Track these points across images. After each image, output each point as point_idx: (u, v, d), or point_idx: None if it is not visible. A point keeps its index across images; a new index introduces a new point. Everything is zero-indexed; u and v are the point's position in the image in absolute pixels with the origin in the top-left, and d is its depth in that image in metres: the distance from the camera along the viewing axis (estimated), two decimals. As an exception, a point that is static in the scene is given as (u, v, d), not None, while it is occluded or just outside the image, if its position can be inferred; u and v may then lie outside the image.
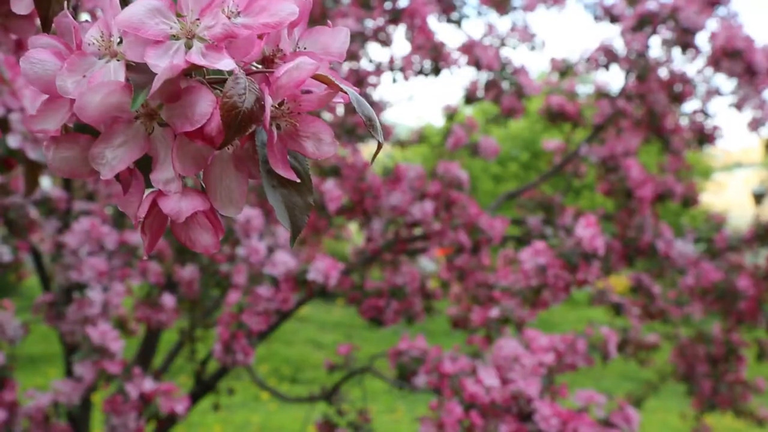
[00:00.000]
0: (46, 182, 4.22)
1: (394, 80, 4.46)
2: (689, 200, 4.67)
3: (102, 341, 3.10)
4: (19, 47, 1.27)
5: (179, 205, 0.62)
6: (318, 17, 4.32)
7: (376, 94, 4.84)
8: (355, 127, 4.56)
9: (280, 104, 0.63)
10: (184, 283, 3.79)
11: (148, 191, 0.65)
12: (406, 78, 4.37)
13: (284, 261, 3.51)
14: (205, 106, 0.60)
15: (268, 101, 0.59)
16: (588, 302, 4.71)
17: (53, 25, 0.71)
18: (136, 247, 3.60)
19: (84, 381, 3.04)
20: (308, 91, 0.66)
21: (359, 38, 4.37)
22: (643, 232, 4.20)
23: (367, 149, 6.44)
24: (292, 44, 0.69)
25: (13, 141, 1.62)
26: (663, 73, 4.59)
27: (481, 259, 4.24)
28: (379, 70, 4.62)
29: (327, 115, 4.57)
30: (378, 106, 4.75)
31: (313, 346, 8.07)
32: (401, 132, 6.02)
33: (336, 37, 0.72)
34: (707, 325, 4.87)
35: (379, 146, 0.66)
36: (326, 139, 0.66)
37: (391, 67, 4.50)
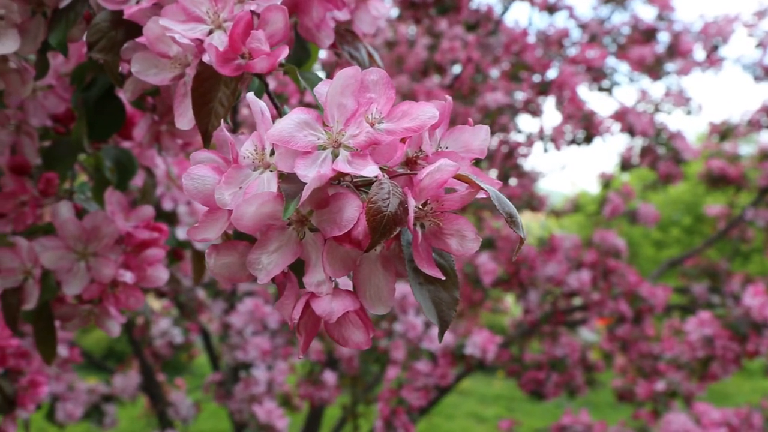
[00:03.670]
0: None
1: (546, 150, 4.45)
2: None
3: (268, 419, 3.19)
4: (187, 146, 1.35)
5: (331, 306, 0.65)
6: (467, 93, 4.38)
7: (528, 164, 4.83)
8: (510, 198, 4.54)
9: (424, 204, 0.65)
10: (344, 359, 3.85)
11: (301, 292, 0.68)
12: (557, 147, 4.36)
13: (442, 336, 3.51)
14: (351, 212, 0.62)
15: (411, 204, 0.61)
16: (764, 372, 4.45)
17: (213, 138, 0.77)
18: (297, 325, 3.69)
19: (253, 459, 3.11)
20: (452, 190, 0.68)
21: (509, 110, 4.39)
22: (819, 297, 3.97)
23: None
24: (434, 144, 0.72)
25: (181, 233, 1.71)
26: (832, 131, 4.39)
27: (644, 329, 4.11)
28: (530, 141, 4.63)
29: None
30: (530, 177, 4.74)
31: (475, 420, 7.95)
32: (556, 201, 5.95)
33: (476, 135, 0.74)
34: None
35: (521, 241, 0.67)
36: (469, 235, 0.67)
37: (542, 137, 4.49)
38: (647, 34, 4.96)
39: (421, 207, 0.65)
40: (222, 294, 3.88)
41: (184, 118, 0.81)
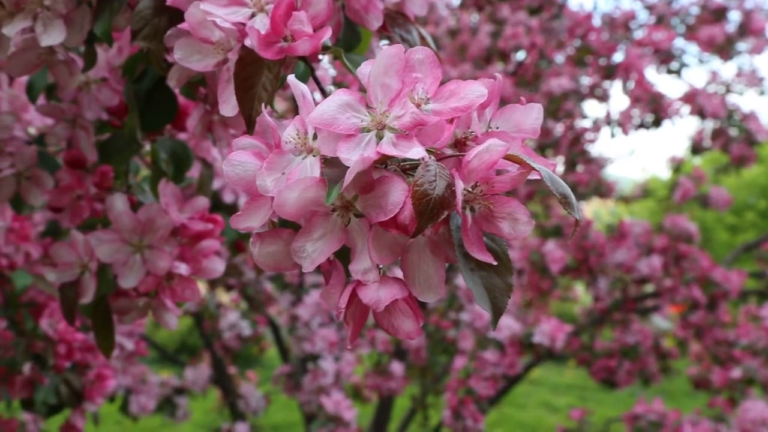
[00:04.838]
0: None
1: (613, 135, 4.37)
2: None
3: (336, 410, 3.19)
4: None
5: (378, 295, 0.62)
6: (531, 79, 4.32)
7: (595, 150, 4.74)
8: (576, 185, 4.48)
9: (474, 187, 0.62)
10: (412, 350, 3.83)
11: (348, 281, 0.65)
12: (625, 132, 4.27)
13: (508, 325, 3.47)
14: (397, 196, 0.60)
15: (459, 186, 0.59)
16: None
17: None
18: (364, 316, 3.69)
19: (323, 450, 3.12)
20: (506, 170, 0.65)
21: (574, 96, 4.32)
22: None
23: (589, 207, 6.30)
24: (484, 125, 0.69)
25: (241, 225, 1.70)
26: None
27: (718, 315, 4.00)
28: (596, 126, 4.55)
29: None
30: (598, 163, 4.65)
31: (547, 410, 7.87)
32: (626, 187, 5.84)
33: (528, 114, 0.70)
34: None
35: (577, 223, 0.64)
36: (522, 218, 0.64)
37: (609, 122, 4.41)
38: (717, 14, 4.82)
39: (470, 189, 0.62)
40: (289, 286, 3.89)
41: (228, 105, 0.80)
